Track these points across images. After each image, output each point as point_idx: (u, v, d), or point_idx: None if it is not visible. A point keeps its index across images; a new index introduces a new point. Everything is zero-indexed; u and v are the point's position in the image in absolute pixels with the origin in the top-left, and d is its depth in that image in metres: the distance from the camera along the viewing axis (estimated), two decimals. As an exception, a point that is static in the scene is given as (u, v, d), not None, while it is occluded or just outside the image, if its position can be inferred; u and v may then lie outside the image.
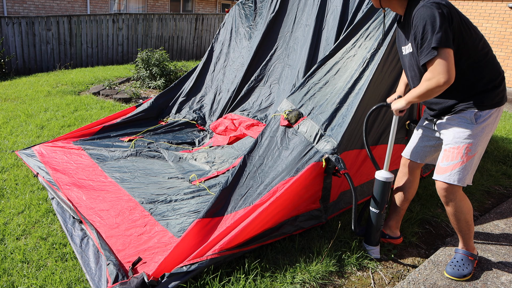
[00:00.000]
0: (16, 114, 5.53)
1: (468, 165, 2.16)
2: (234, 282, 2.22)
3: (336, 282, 2.33)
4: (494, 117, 2.16)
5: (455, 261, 2.37)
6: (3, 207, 3.04)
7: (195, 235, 2.35)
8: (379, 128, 3.13)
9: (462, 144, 2.16)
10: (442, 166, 2.21)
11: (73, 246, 2.49)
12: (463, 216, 2.27)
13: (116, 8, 15.22)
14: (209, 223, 2.44)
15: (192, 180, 3.29)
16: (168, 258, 2.18)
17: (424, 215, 3.09)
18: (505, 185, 3.79)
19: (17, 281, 2.25)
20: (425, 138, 2.45)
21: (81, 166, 3.50)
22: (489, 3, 10.12)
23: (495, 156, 4.48)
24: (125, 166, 3.52)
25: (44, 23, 10.59)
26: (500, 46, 10.11)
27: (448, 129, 2.22)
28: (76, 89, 7.37)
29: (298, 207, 2.66)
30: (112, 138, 4.24)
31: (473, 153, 2.15)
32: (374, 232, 2.54)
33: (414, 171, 2.53)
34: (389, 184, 2.45)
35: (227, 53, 4.96)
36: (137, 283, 2.04)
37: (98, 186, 3.16)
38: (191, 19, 13.41)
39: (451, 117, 2.21)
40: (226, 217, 2.51)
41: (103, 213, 2.79)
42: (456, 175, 2.17)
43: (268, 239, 2.52)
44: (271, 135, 3.00)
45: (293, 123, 2.98)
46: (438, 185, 2.25)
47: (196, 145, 4.24)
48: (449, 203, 2.26)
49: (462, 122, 2.16)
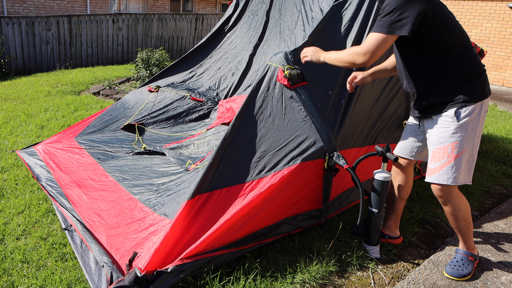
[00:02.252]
0: (16, 114, 5.53)
1: (457, 164, 2.15)
2: (234, 282, 2.22)
3: (336, 282, 2.33)
4: (477, 112, 2.14)
5: (455, 261, 2.37)
6: (3, 207, 3.04)
7: (185, 217, 2.28)
8: (375, 128, 3.13)
9: (447, 143, 2.16)
10: (431, 167, 2.23)
11: (73, 246, 2.49)
12: (461, 214, 2.28)
13: (116, 8, 15.22)
14: (197, 201, 2.37)
15: (188, 167, 3.24)
16: (160, 247, 2.15)
17: (424, 215, 3.09)
18: (505, 185, 3.80)
19: (17, 281, 2.25)
20: (413, 134, 2.46)
21: (83, 165, 3.50)
22: (489, 3, 10.12)
23: (495, 156, 4.48)
24: (126, 165, 3.52)
25: (44, 23, 10.59)
26: (500, 46, 10.10)
27: (433, 130, 2.23)
28: (76, 89, 7.37)
29: (297, 205, 2.65)
30: (112, 127, 4.22)
31: (460, 151, 2.14)
32: (373, 232, 2.54)
33: (407, 168, 2.54)
34: (387, 183, 2.46)
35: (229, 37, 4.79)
36: (130, 280, 2.03)
37: (99, 186, 3.16)
38: (191, 19, 13.41)
39: (434, 117, 2.22)
40: (214, 192, 2.41)
41: (103, 212, 2.79)
42: (445, 174, 2.17)
43: (266, 238, 2.52)
44: (264, 94, 2.65)
45: (293, 84, 2.66)
46: (433, 187, 2.26)
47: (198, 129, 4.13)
48: (446, 203, 2.26)
49: (444, 121, 2.17)
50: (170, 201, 2.66)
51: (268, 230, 2.53)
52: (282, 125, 2.64)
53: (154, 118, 4.30)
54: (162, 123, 4.28)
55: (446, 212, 2.30)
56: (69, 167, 3.47)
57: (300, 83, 2.67)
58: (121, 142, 3.95)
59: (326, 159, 2.60)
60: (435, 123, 2.21)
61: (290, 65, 2.66)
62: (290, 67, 2.64)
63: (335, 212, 2.92)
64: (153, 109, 4.39)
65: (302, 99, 2.66)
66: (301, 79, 2.67)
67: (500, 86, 10.22)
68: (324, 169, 2.64)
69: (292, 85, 2.65)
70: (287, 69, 2.63)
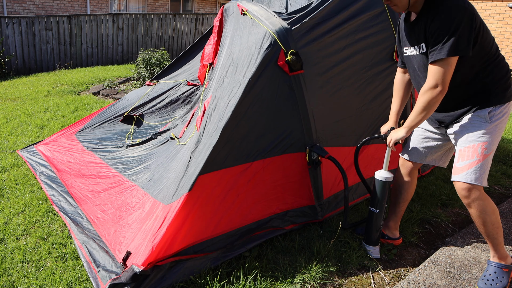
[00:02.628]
0: (16, 114, 5.53)
1: (485, 164, 2.11)
2: (234, 282, 2.22)
3: (336, 282, 2.33)
4: (505, 113, 2.14)
5: (488, 274, 2.25)
6: (3, 207, 3.04)
7: (180, 211, 2.26)
8: (370, 128, 3.12)
9: (477, 142, 2.12)
10: (458, 166, 2.16)
11: (82, 259, 2.50)
12: (489, 217, 2.17)
13: (116, 8, 15.22)
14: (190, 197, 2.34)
15: (173, 138, 3.14)
16: (161, 241, 2.15)
17: (424, 215, 3.09)
18: (505, 185, 3.80)
19: (17, 281, 2.25)
20: (426, 139, 2.43)
21: (85, 162, 3.54)
22: (489, 3, 10.12)
23: (495, 156, 4.48)
24: (128, 156, 3.52)
25: (44, 23, 10.59)
26: (500, 46, 10.11)
27: (462, 130, 2.19)
28: (76, 89, 7.37)
29: (285, 200, 2.66)
30: (112, 121, 4.23)
31: (489, 152, 2.12)
32: (373, 232, 2.54)
33: (413, 171, 2.53)
34: (388, 183, 2.45)
35: None
36: (128, 277, 2.03)
37: (102, 181, 3.19)
38: (191, 19, 13.41)
39: (464, 118, 2.19)
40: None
41: (107, 207, 2.81)
42: (473, 174, 2.11)
43: (256, 231, 2.53)
44: (270, 72, 2.50)
45: (291, 71, 2.56)
46: (458, 186, 2.17)
47: None
48: (471, 205, 2.16)
49: (476, 121, 2.14)
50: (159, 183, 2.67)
51: (258, 225, 2.54)
52: (269, 113, 2.56)
53: (153, 107, 4.34)
54: (161, 110, 4.29)
55: (473, 215, 2.20)
56: (71, 165, 3.50)
57: (298, 71, 2.61)
58: (121, 135, 3.98)
59: (307, 152, 2.61)
60: (465, 122, 2.18)
61: (293, 49, 2.56)
62: (293, 52, 2.54)
63: (334, 211, 2.91)
64: (150, 96, 4.43)
65: (296, 87, 2.61)
66: (300, 67, 2.60)
67: (500, 86, 10.24)
68: (308, 163, 2.63)
69: (290, 72, 2.57)
70: (290, 54, 2.52)
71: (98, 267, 2.25)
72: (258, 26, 2.68)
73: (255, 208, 2.52)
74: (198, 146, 2.46)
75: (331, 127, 2.81)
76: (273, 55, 2.54)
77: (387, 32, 3.09)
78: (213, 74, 3.13)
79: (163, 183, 2.67)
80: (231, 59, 2.76)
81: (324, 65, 2.76)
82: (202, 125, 2.56)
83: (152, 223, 2.33)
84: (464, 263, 2.47)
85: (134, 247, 2.28)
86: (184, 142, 2.89)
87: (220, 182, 2.39)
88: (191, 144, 2.59)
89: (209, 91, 2.97)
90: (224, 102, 2.52)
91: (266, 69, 2.52)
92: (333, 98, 2.82)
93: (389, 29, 3.11)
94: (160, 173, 2.88)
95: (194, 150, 2.46)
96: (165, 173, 2.81)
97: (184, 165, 2.46)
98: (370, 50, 3.01)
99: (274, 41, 2.54)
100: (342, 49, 2.86)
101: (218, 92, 2.65)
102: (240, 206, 2.46)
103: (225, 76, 2.71)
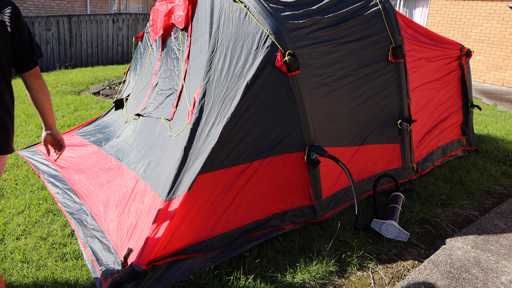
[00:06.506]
0: (16, 114, 5.53)
1: None
2: (234, 282, 2.22)
3: (336, 282, 2.33)
4: None
5: None
6: (3, 207, 3.04)
7: (179, 210, 2.26)
8: (365, 129, 3.13)
9: None
10: None
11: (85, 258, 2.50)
12: None
13: (116, 8, 15.22)
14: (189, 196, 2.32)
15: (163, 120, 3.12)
16: (162, 237, 2.15)
17: (424, 215, 3.09)
18: (505, 185, 3.79)
19: (17, 281, 2.25)
20: None
21: (86, 154, 3.57)
22: (489, 3, 10.12)
23: (495, 156, 4.48)
24: (125, 141, 3.50)
25: (44, 23, 10.59)
26: (500, 46, 10.10)
27: None
28: (76, 89, 7.37)
29: (285, 199, 2.66)
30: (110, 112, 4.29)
31: None
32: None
33: None
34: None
35: None
36: (128, 276, 2.03)
37: (103, 172, 3.22)
38: (191, 19, 13.39)
39: None
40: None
41: (110, 200, 2.83)
42: None
43: (255, 231, 2.54)
44: (268, 73, 2.49)
45: (289, 71, 2.53)
46: None
47: None
48: None
49: None
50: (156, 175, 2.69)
51: (257, 224, 2.55)
52: (267, 113, 2.55)
53: None
54: None
55: None
56: (73, 160, 3.54)
57: (295, 72, 2.58)
58: (117, 120, 4.04)
59: (305, 152, 2.62)
60: None
61: (290, 50, 2.53)
62: (290, 52, 2.51)
63: (333, 211, 2.92)
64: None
65: (294, 88, 2.60)
66: (297, 67, 2.57)
67: (500, 86, 10.22)
68: (307, 162, 2.64)
69: (289, 72, 2.54)
70: (288, 54, 2.50)
71: (101, 266, 2.26)
72: (252, 21, 2.62)
73: (254, 208, 2.52)
74: (194, 144, 2.45)
75: (326, 127, 2.82)
76: (271, 56, 2.53)
77: (381, 33, 3.10)
78: (195, 57, 3.02)
79: (159, 174, 2.66)
80: (221, 50, 2.67)
81: (318, 66, 2.77)
82: (193, 119, 2.53)
83: (152, 220, 2.33)
84: (464, 263, 2.47)
85: (134, 243, 2.29)
86: (175, 134, 2.84)
87: (219, 182, 2.39)
88: (183, 139, 2.55)
89: (194, 79, 2.89)
90: (220, 100, 2.52)
91: (264, 70, 2.51)
92: (326, 99, 2.82)
93: (383, 30, 3.11)
94: (154, 163, 2.86)
95: (189, 148, 2.45)
96: (158, 166, 2.78)
97: (177, 162, 2.43)
98: (364, 51, 3.01)
99: (272, 42, 2.53)
100: (336, 50, 2.86)
101: (209, 86, 2.61)
102: (239, 206, 2.47)
103: (216, 69, 2.65)
